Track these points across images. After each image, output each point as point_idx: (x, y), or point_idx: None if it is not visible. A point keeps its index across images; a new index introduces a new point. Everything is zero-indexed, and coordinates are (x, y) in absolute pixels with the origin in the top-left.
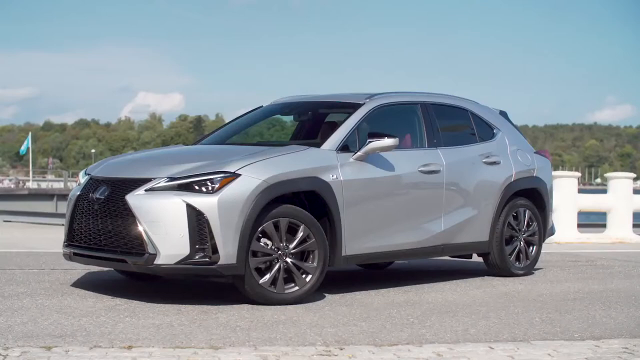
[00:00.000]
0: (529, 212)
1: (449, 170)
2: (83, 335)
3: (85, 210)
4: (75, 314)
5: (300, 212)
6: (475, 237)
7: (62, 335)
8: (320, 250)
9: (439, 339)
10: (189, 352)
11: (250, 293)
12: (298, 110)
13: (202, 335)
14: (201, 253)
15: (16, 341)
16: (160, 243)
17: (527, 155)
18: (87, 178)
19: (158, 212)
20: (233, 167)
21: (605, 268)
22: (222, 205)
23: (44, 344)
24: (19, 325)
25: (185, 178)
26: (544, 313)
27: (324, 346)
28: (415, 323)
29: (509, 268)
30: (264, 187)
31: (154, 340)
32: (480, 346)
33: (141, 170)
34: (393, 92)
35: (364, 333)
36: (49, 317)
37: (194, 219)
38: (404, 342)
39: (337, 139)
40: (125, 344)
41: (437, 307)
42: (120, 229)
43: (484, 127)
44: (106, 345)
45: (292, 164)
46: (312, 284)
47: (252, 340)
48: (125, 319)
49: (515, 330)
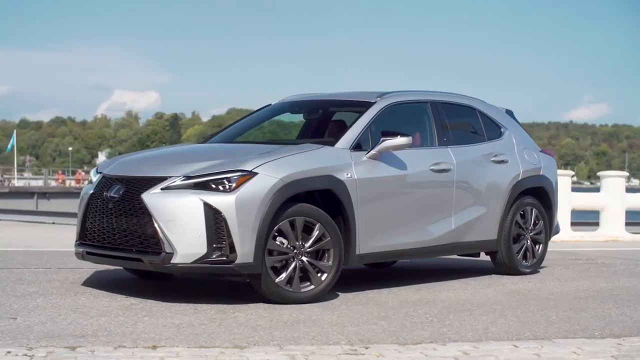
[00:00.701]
0: (535, 211)
1: (459, 169)
2: (105, 335)
3: (99, 209)
4: (92, 313)
5: (316, 210)
6: (484, 235)
7: (84, 335)
8: (336, 249)
9: (462, 337)
10: (215, 351)
11: (266, 292)
12: (308, 109)
13: (225, 334)
14: (218, 252)
15: (38, 341)
16: (177, 242)
17: (534, 154)
18: (99, 176)
19: (175, 210)
20: (250, 166)
21: (608, 266)
22: (240, 204)
23: (67, 344)
24: (39, 325)
25: (202, 176)
26: (559, 311)
27: (348, 345)
28: (434, 322)
29: (517, 266)
30: (280, 186)
31: (177, 340)
32: (504, 344)
33: (156, 168)
34: (403, 91)
35: (385, 332)
36: (67, 317)
37: (211, 217)
38: (427, 340)
39: (350, 137)
40: (149, 344)
41: (453, 306)
42: (136, 227)
43: (492, 125)
44: (130, 345)
45: (308, 162)
46: (328, 283)
47: (275, 339)
48: (143, 318)
49: (534, 328)
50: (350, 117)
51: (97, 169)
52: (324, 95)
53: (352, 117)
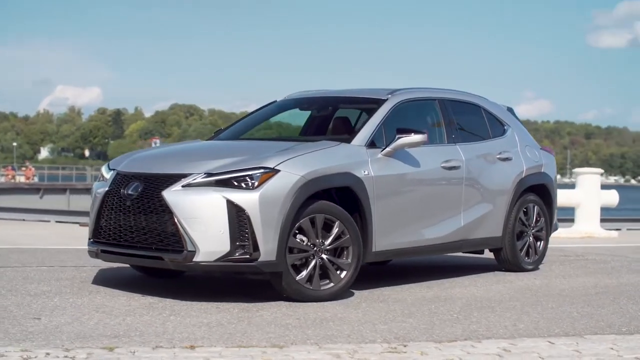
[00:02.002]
0: (537, 208)
1: (467, 166)
2: (137, 335)
3: (115, 206)
4: (116, 312)
5: (335, 208)
6: (490, 232)
7: (117, 336)
8: (355, 247)
9: (494, 334)
10: (256, 351)
11: (287, 290)
12: (318, 106)
13: (258, 333)
14: (241, 250)
15: (72, 342)
16: (200, 240)
17: (535, 152)
18: (113, 173)
19: (197, 208)
20: (272, 163)
21: (602, 263)
22: (263, 202)
23: (103, 344)
24: (66, 326)
25: (224, 174)
26: (577, 307)
27: (385, 343)
28: (460, 319)
29: (520, 263)
30: (302, 183)
31: (212, 340)
32: (540, 341)
33: (175, 165)
34: (413, 88)
35: (416, 329)
36: (92, 317)
37: (234, 215)
38: (462, 338)
39: (365, 134)
40: (186, 344)
41: (472, 303)
42: (155, 225)
43: (496, 123)
44: (167, 345)
45: (328, 159)
46: (347, 281)
47: (310, 337)
48: (169, 317)
49: (561, 325)
50: (356, 114)
51: (109, 166)
52: (332, 92)
53: (361, 114)
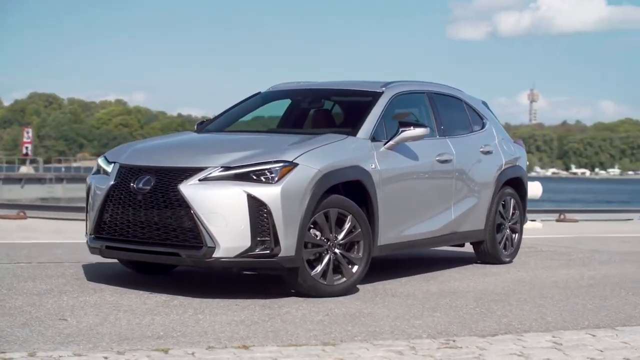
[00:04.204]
0: (513, 201)
1: (458, 160)
2: (180, 335)
3: (123, 201)
4: (138, 312)
5: (347, 202)
6: (475, 225)
7: (159, 337)
8: (366, 241)
9: (530, 327)
10: (317, 350)
11: (303, 286)
12: (310, 98)
13: (300, 331)
14: (262, 245)
15: (119, 344)
16: (220, 235)
17: (510, 145)
18: (115, 166)
19: (217, 202)
20: (290, 156)
21: (565, 255)
22: (285, 196)
23: (152, 346)
24: (99, 327)
25: (242, 167)
26: (585, 299)
27: (431, 338)
28: (486, 313)
29: (499, 255)
30: (319, 177)
31: (258, 339)
32: (581, 333)
33: (188, 158)
34: (403, 81)
35: (453, 324)
36: (118, 317)
37: (255, 209)
38: (502, 332)
39: (368, 127)
40: (237, 344)
41: (481, 296)
42: (170, 220)
43: (476, 116)
44: (218, 345)
45: (339, 153)
46: (359, 275)
47: (354, 334)
48: (196, 316)
49: (586, 317)
50: (348, 107)
51: (107, 158)
52: (321, 84)
53: (353, 106)
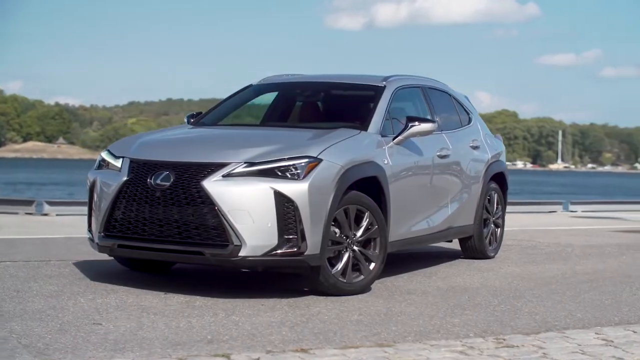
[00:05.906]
0: (497, 196)
1: (454, 155)
2: (230, 339)
3: (139, 197)
4: (170, 315)
5: (365, 198)
6: (466, 220)
7: (209, 341)
8: (382, 238)
9: (568, 324)
10: (378, 351)
11: (324, 284)
12: (310, 91)
13: (344, 332)
14: (289, 243)
15: (174, 350)
16: (246, 233)
17: (493, 140)
18: (126, 161)
19: (243, 199)
20: (314, 152)
21: (541, 249)
22: (312, 192)
23: (206, 352)
24: (140, 331)
25: (267, 163)
26: (595, 295)
27: (480, 338)
28: (512, 310)
29: (485, 250)
30: (342, 173)
31: (312, 341)
32: (619, 330)
33: (209, 153)
34: (399, 75)
35: (493, 322)
36: (155, 321)
37: (282, 206)
38: (543, 329)
39: (377, 122)
40: (292, 347)
41: (495, 293)
42: (192, 218)
43: (463, 111)
44: (276, 349)
45: (356, 148)
46: (376, 272)
47: (403, 334)
48: (231, 317)
49: (611, 312)
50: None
51: (114, 152)
52: (317, 77)
53: (356, 100)
